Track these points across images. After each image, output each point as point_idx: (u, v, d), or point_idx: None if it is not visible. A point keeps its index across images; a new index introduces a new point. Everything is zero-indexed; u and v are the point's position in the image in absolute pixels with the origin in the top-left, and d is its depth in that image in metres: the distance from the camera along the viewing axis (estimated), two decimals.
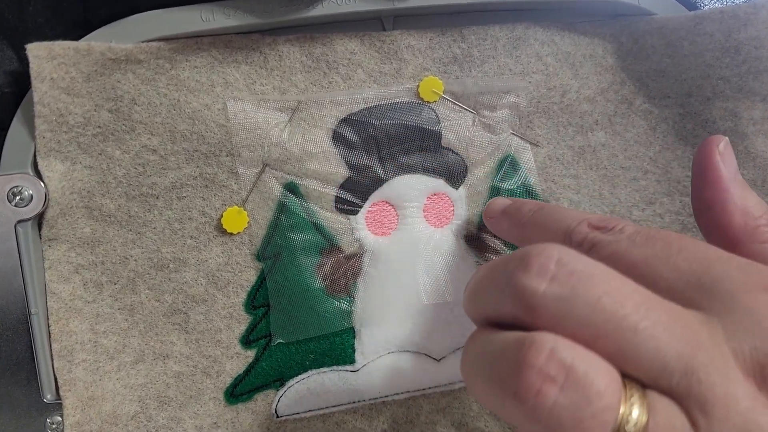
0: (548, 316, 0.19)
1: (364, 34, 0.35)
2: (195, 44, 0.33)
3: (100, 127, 0.32)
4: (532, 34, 0.37)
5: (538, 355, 0.18)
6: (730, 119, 0.37)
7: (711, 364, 0.18)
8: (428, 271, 0.35)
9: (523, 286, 0.20)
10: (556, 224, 0.26)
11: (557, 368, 0.18)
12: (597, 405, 0.18)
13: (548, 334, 0.19)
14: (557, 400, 0.18)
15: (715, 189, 0.28)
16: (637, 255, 0.21)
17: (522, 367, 0.18)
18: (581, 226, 0.24)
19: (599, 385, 0.18)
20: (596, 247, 0.23)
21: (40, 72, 0.31)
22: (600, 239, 0.23)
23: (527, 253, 0.20)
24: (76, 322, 0.32)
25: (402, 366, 0.35)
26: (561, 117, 0.37)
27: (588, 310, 0.19)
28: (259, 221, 0.34)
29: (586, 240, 0.24)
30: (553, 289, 0.19)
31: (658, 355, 0.18)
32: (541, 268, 0.20)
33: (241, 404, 0.34)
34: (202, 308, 0.34)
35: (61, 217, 0.32)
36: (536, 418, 0.18)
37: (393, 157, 0.35)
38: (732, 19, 0.35)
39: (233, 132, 0.33)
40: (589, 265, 0.20)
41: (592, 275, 0.19)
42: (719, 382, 0.18)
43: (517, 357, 0.19)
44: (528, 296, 0.20)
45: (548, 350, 0.18)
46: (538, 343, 0.19)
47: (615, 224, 0.23)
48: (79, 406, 0.32)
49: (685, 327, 0.19)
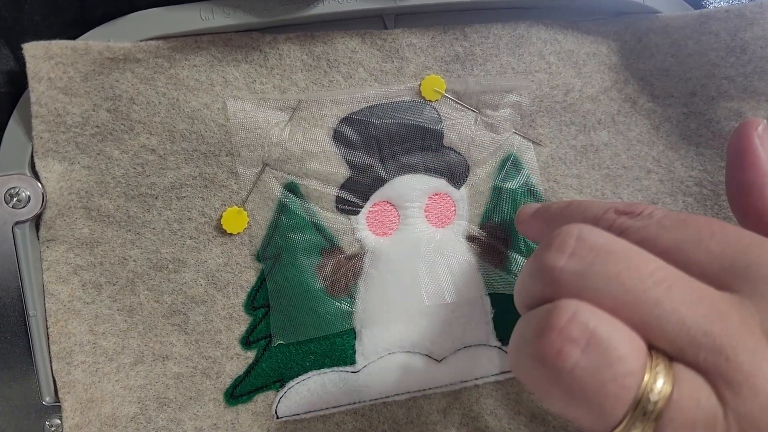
0: (569, 289, 0.20)
1: (365, 32, 0.34)
2: (194, 43, 0.32)
3: (99, 126, 0.32)
4: (535, 32, 0.36)
5: (560, 317, 0.19)
6: (735, 119, 0.36)
7: (740, 344, 0.18)
8: (429, 272, 0.35)
9: (545, 263, 0.20)
10: (584, 214, 0.25)
11: (579, 330, 0.18)
12: (619, 369, 0.18)
13: (571, 300, 0.19)
14: (578, 362, 0.18)
15: (754, 172, 0.27)
16: (668, 239, 0.21)
17: (545, 329, 0.19)
18: (608, 213, 0.24)
19: (622, 350, 0.18)
20: (625, 233, 0.22)
21: (37, 72, 0.30)
22: (628, 225, 0.22)
23: (552, 235, 0.21)
24: (75, 324, 0.32)
25: (403, 367, 0.35)
26: (564, 116, 0.37)
27: (606, 282, 0.19)
28: (259, 221, 0.34)
29: (614, 226, 0.23)
30: (572, 263, 0.20)
31: (683, 329, 0.18)
32: (562, 244, 0.20)
33: (241, 405, 0.34)
34: (202, 309, 0.34)
35: (59, 218, 0.32)
36: (557, 380, 0.18)
37: (394, 157, 0.35)
38: (738, 18, 0.35)
39: (233, 131, 0.33)
40: (610, 240, 0.20)
41: (613, 250, 0.20)
42: (748, 361, 0.17)
43: (541, 322, 0.19)
44: (549, 272, 0.20)
45: (571, 313, 0.19)
46: (560, 307, 0.19)
47: (643, 209, 0.23)
48: (78, 408, 0.32)
49: (712, 306, 0.19)
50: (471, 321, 0.35)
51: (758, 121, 0.28)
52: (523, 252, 0.36)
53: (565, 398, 0.19)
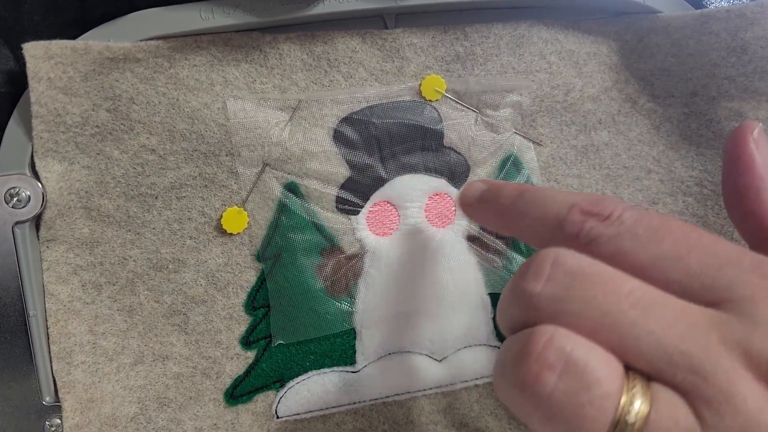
0: (547, 313, 0.20)
1: (365, 32, 0.34)
2: (194, 42, 0.32)
3: (98, 126, 0.32)
4: (536, 32, 0.36)
5: (537, 343, 0.19)
6: (735, 119, 0.36)
7: (718, 363, 0.18)
8: (430, 272, 0.35)
9: (522, 289, 0.21)
10: (543, 211, 0.24)
11: (556, 355, 0.19)
12: (596, 392, 0.18)
13: (548, 325, 0.19)
14: (556, 386, 0.18)
15: (750, 176, 0.27)
16: (645, 256, 0.21)
17: (522, 356, 0.19)
18: (573, 214, 0.23)
19: (598, 372, 0.18)
20: (596, 242, 0.22)
21: (37, 72, 0.30)
22: (599, 233, 0.22)
23: (529, 260, 0.21)
24: (75, 324, 0.32)
25: (403, 367, 0.35)
26: (564, 116, 0.37)
27: (583, 306, 0.19)
28: (259, 221, 0.34)
29: (583, 232, 0.22)
30: (548, 289, 0.20)
31: (660, 350, 0.18)
32: (538, 270, 0.20)
33: (241, 405, 0.34)
34: (202, 309, 0.34)
35: (59, 218, 0.32)
36: (537, 405, 0.19)
37: (394, 157, 0.35)
38: (738, 18, 0.35)
39: (233, 131, 0.33)
40: (585, 263, 0.20)
41: (588, 274, 0.20)
42: (726, 381, 0.18)
43: (520, 348, 0.19)
44: (527, 298, 0.20)
45: (547, 338, 0.19)
46: (537, 333, 0.19)
47: (611, 210, 0.22)
48: (78, 409, 0.32)
49: (690, 325, 0.19)
50: (471, 321, 0.35)
51: (754, 125, 0.28)
52: (523, 252, 0.36)
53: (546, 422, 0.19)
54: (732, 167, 0.28)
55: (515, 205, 0.26)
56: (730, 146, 0.28)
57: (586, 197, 0.23)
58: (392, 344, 0.35)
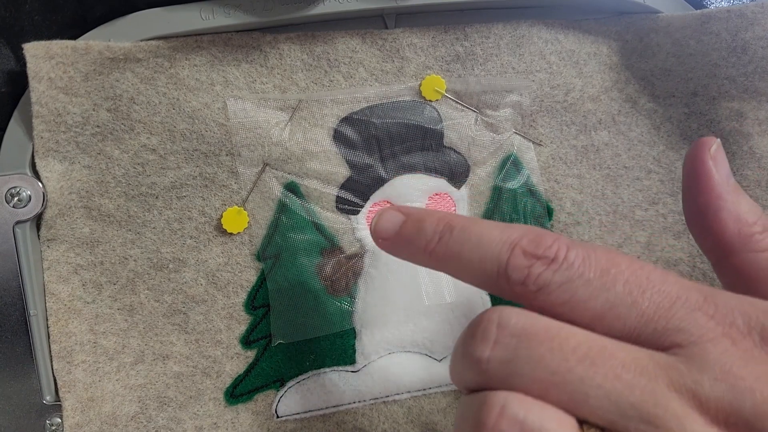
0: (498, 378, 0.20)
1: (365, 32, 0.34)
2: (194, 42, 0.32)
3: (99, 126, 0.32)
4: (536, 32, 0.36)
5: (489, 414, 0.19)
6: (736, 119, 0.36)
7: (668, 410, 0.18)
8: (429, 272, 0.35)
9: (471, 354, 0.21)
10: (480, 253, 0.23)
11: (509, 424, 0.19)
12: None
13: (499, 393, 0.20)
14: None
15: (708, 195, 0.27)
16: (599, 304, 0.20)
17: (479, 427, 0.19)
18: (516, 258, 0.22)
19: None
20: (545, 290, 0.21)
21: (38, 72, 0.30)
22: (548, 281, 0.21)
23: (474, 322, 0.21)
24: (76, 323, 0.32)
25: (403, 366, 0.35)
26: (564, 116, 0.37)
27: (532, 367, 0.19)
28: (259, 221, 0.34)
29: (530, 279, 0.21)
30: (496, 353, 0.20)
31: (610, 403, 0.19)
32: (485, 333, 0.20)
33: (241, 405, 0.34)
34: (202, 308, 0.34)
35: (59, 218, 0.32)
36: None
37: (394, 157, 0.35)
38: (739, 19, 0.35)
39: (233, 131, 0.33)
40: (530, 322, 0.20)
41: (534, 332, 0.20)
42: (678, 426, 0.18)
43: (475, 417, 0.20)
44: (477, 363, 0.20)
45: (499, 408, 0.19)
46: (489, 402, 0.19)
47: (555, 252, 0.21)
48: (78, 408, 0.32)
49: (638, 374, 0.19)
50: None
51: (711, 141, 0.27)
52: None
53: None
54: (690, 185, 0.27)
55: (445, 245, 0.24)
56: (688, 163, 0.27)
57: (524, 234, 0.22)
58: (392, 344, 0.35)
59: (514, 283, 0.22)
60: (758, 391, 0.18)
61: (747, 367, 0.18)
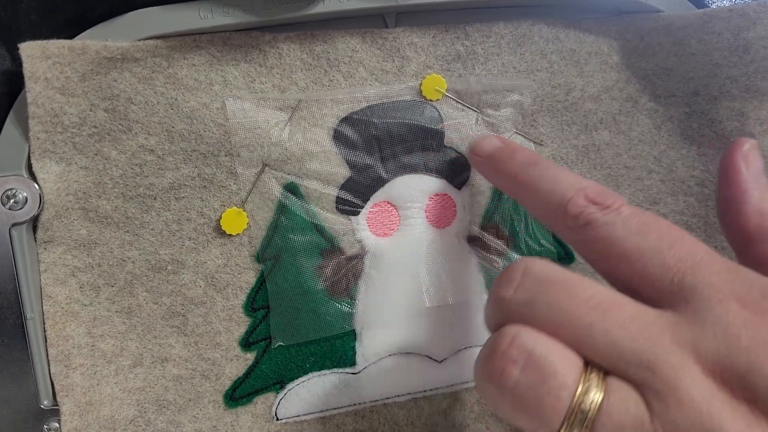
0: (517, 316, 0.23)
1: (365, 31, 0.34)
2: (193, 42, 0.32)
3: (96, 127, 0.31)
4: (537, 31, 0.36)
5: (502, 341, 0.22)
6: (737, 119, 0.36)
7: (667, 360, 0.20)
8: (430, 273, 0.35)
9: (496, 295, 0.23)
10: (551, 189, 0.26)
11: (518, 352, 0.21)
12: (553, 383, 0.20)
13: (513, 326, 0.22)
14: (519, 379, 0.21)
15: (734, 189, 0.29)
16: (631, 244, 0.23)
17: (491, 352, 0.22)
18: (578, 198, 0.25)
19: (556, 366, 0.21)
20: (592, 225, 0.24)
21: (34, 72, 0.30)
22: (595, 218, 0.24)
23: (504, 269, 0.24)
24: (73, 326, 0.32)
25: (403, 368, 0.35)
26: (565, 115, 0.37)
27: (548, 309, 0.22)
28: (258, 222, 0.34)
29: (582, 215, 0.24)
30: (518, 295, 0.23)
31: (614, 347, 0.21)
32: (510, 278, 0.23)
33: (240, 407, 0.34)
34: (201, 310, 0.33)
35: (56, 220, 0.32)
36: (503, 396, 0.21)
37: (395, 157, 0.35)
38: (741, 18, 0.34)
39: (232, 131, 0.33)
40: (553, 270, 0.23)
41: (554, 280, 0.22)
42: (673, 374, 0.20)
43: (490, 346, 0.22)
44: (500, 302, 0.23)
45: (511, 337, 0.22)
46: (503, 332, 0.22)
47: (612, 202, 0.24)
48: (76, 412, 0.32)
49: (643, 326, 0.21)
50: (472, 322, 0.35)
51: (746, 140, 0.30)
52: (523, 252, 0.36)
53: (512, 411, 0.21)
54: (722, 179, 0.30)
55: (526, 174, 0.28)
56: (722, 160, 0.30)
57: (594, 186, 0.25)
58: (392, 345, 0.35)
59: (568, 216, 0.25)
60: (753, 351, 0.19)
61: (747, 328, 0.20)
